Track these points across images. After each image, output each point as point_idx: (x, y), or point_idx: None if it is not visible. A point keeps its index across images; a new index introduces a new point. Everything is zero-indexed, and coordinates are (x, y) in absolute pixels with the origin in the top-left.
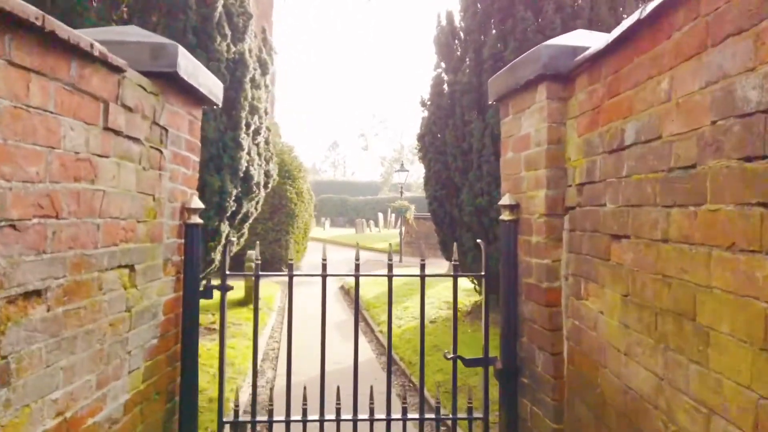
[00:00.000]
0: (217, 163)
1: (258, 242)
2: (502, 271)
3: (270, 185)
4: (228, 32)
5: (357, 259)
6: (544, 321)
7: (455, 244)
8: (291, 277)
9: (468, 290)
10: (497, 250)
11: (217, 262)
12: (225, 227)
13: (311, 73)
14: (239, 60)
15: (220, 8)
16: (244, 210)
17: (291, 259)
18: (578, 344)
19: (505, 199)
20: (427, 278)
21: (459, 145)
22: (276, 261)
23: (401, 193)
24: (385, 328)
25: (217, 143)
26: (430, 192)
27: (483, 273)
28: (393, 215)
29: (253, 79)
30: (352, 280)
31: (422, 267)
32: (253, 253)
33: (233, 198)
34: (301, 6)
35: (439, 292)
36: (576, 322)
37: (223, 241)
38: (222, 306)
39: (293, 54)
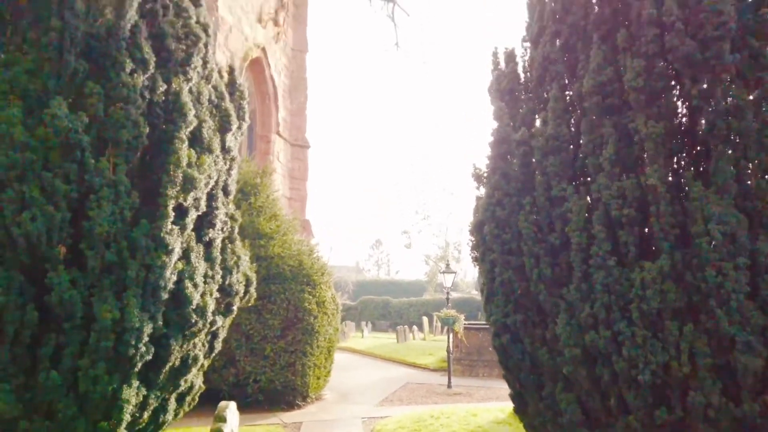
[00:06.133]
0: (119, 277)
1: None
2: None
3: (234, 309)
4: None
5: None
6: None
7: None
8: None
9: None
10: None
11: None
12: (129, 392)
13: (349, 169)
14: None
15: None
16: (177, 355)
17: None
18: None
19: None
20: None
21: (544, 239)
22: (288, 392)
23: (447, 299)
24: None
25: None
26: (497, 316)
27: None
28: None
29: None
30: (383, 423)
31: None
32: (226, 406)
33: (146, 338)
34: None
35: None
36: None
37: (126, 416)
38: None
39: (327, 147)
